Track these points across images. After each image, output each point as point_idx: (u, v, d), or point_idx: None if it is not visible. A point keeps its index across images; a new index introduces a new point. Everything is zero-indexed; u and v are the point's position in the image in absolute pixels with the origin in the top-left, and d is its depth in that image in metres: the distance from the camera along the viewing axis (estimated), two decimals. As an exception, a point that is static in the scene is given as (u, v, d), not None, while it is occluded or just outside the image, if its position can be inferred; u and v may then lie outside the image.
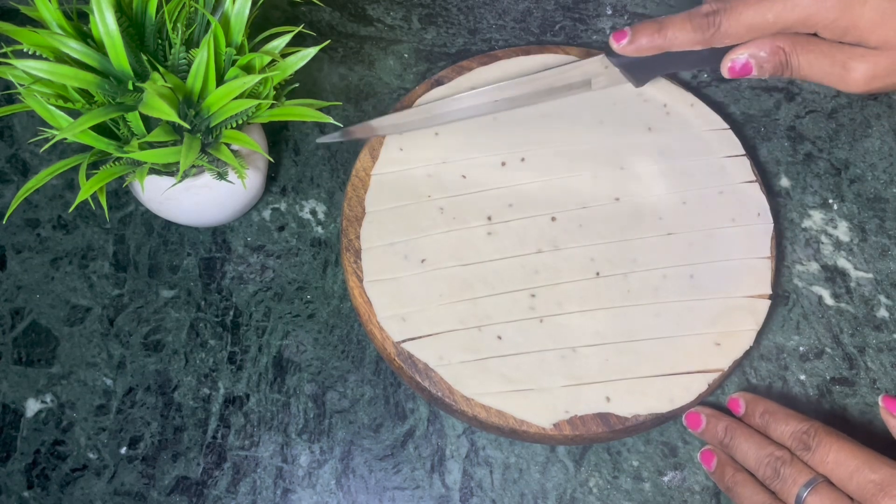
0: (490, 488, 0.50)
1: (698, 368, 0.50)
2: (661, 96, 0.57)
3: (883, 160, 0.59)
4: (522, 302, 0.51)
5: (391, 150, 0.55)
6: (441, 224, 0.53)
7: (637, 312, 0.51)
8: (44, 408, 0.52)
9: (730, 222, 0.54)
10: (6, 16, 0.62)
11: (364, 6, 0.64)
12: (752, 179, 0.55)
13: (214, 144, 0.47)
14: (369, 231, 0.53)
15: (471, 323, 0.51)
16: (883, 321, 0.54)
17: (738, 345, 0.51)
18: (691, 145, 0.56)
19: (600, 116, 0.57)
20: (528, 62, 0.58)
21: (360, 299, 0.52)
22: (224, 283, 0.55)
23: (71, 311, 0.54)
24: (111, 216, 0.57)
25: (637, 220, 0.54)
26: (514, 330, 0.51)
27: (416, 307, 0.51)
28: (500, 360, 0.50)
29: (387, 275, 0.52)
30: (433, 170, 0.55)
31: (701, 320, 0.51)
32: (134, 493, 0.50)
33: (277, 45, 0.48)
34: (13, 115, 0.57)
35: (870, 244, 0.57)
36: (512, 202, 0.54)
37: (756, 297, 0.52)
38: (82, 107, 0.45)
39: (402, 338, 0.50)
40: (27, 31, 0.44)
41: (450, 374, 0.49)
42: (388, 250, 0.53)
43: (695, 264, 0.53)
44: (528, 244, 0.53)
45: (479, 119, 0.56)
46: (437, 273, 0.52)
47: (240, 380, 0.52)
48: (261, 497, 0.50)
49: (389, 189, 0.54)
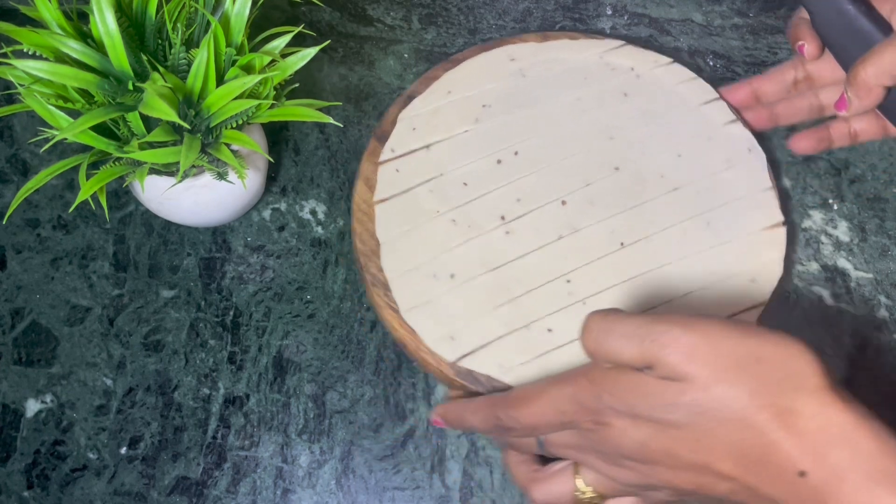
0: (490, 488, 0.50)
1: (743, 307, 0.51)
2: (627, 62, 0.59)
3: (883, 160, 0.59)
4: (560, 289, 0.51)
5: (387, 174, 0.55)
6: (458, 236, 0.53)
7: (670, 272, 0.52)
8: (44, 408, 0.52)
9: (725, 164, 0.55)
10: (6, 16, 0.62)
11: (364, 6, 0.64)
12: (734, 119, 0.57)
13: (214, 144, 0.47)
14: (391, 261, 0.52)
15: (517, 324, 0.50)
16: (883, 321, 0.54)
17: (771, 275, 0.52)
18: (668, 101, 0.57)
19: (576, 93, 0.57)
20: (492, 57, 0.58)
21: (402, 330, 0.50)
22: (224, 283, 0.55)
23: (71, 311, 0.54)
24: (111, 216, 0.57)
25: (641, 183, 0.55)
26: (561, 318, 0.51)
27: (460, 323, 0.50)
28: (557, 351, 0.50)
29: (422, 299, 0.51)
30: (433, 185, 0.54)
31: (731, 262, 0.52)
32: (134, 493, 0.50)
33: (277, 45, 0.48)
34: (13, 115, 0.57)
35: (870, 244, 0.57)
36: (519, 197, 0.54)
37: (772, 227, 0.54)
38: (82, 107, 0.45)
39: (457, 356, 0.49)
40: (27, 31, 0.44)
41: (514, 379, 0.49)
42: (415, 275, 0.52)
43: (707, 212, 0.54)
44: (547, 233, 0.53)
45: (461, 125, 0.56)
46: (469, 284, 0.51)
47: (240, 380, 0.52)
48: (261, 497, 0.50)
49: (396, 214, 0.53)
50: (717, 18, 0.64)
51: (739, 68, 0.62)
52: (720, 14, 0.65)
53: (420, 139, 0.55)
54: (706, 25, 0.64)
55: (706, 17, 0.64)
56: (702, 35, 0.64)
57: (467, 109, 0.57)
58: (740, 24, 0.64)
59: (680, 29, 0.64)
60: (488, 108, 0.57)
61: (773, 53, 0.63)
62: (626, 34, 0.63)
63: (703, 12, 0.65)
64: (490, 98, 0.57)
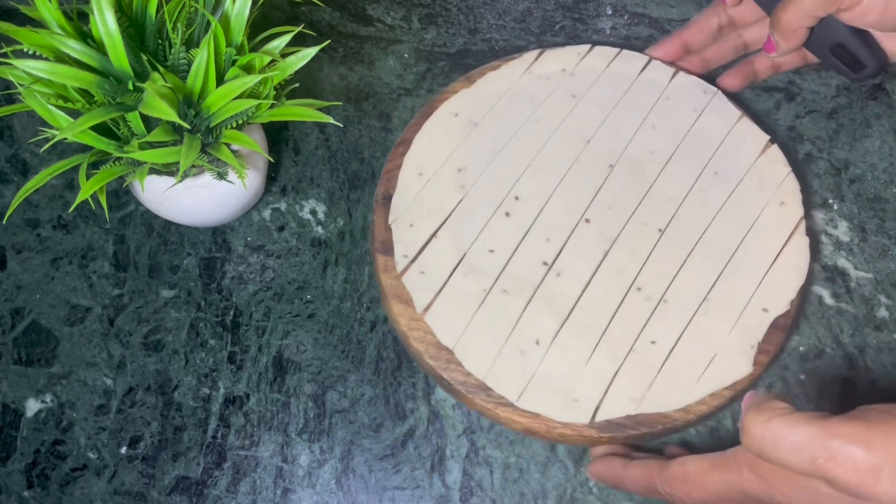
0: (490, 488, 0.50)
1: (792, 226, 0.54)
2: (554, 66, 0.59)
3: (883, 160, 0.59)
4: (637, 300, 0.51)
5: (415, 281, 0.52)
6: (517, 302, 0.51)
7: (714, 233, 0.54)
8: (44, 408, 0.52)
9: (694, 112, 0.57)
10: (6, 16, 0.62)
11: (364, 6, 0.64)
12: (675, 72, 0.59)
13: (214, 144, 0.47)
14: (472, 360, 0.50)
15: (622, 351, 0.50)
16: (883, 321, 0.54)
17: (793, 189, 0.55)
18: (611, 83, 0.59)
19: (532, 116, 0.57)
20: (436, 121, 0.57)
21: (525, 419, 0.49)
22: (224, 283, 0.55)
23: (71, 311, 0.54)
24: (111, 216, 0.57)
25: (640, 168, 0.56)
26: (657, 327, 0.51)
27: (572, 381, 0.49)
28: (670, 360, 0.50)
29: (524, 380, 0.49)
30: (463, 268, 0.52)
31: (754, 195, 0.55)
32: (134, 493, 0.50)
33: (277, 45, 0.48)
34: (13, 115, 0.57)
35: (870, 244, 0.57)
36: (547, 236, 0.53)
37: (765, 149, 0.56)
38: (82, 107, 0.45)
39: (590, 415, 0.49)
40: (27, 31, 0.44)
41: (652, 407, 0.49)
42: (503, 362, 0.50)
43: (708, 163, 0.56)
44: (592, 256, 0.52)
45: (451, 198, 0.55)
46: (557, 342, 0.50)
47: (240, 380, 0.52)
48: (261, 497, 0.50)
49: (448, 315, 0.51)
50: (717, 18, 0.64)
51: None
52: (720, 14, 0.64)
53: (423, 232, 0.53)
54: (706, 25, 0.64)
55: (706, 17, 0.64)
56: (702, 35, 0.64)
57: (447, 181, 0.55)
58: (740, 23, 0.64)
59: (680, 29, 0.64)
60: (465, 170, 0.55)
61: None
62: (627, 34, 0.63)
63: (703, 12, 0.64)
64: (460, 160, 0.56)
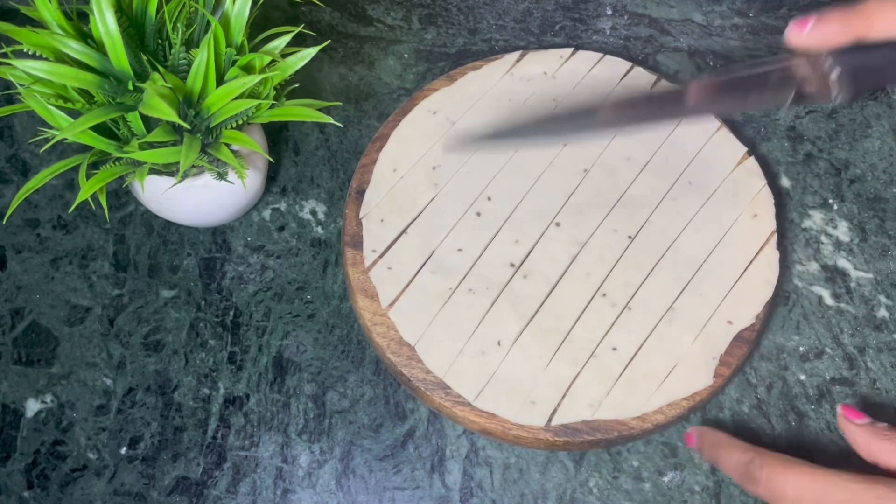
0: (490, 488, 0.50)
1: (763, 239, 0.53)
2: (536, 68, 0.59)
3: (883, 160, 0.59)
4: (602, 305, 0.51)
5: (381, 276, 0.52)
6: (481, 302, 0.51)
7: (684, 241, 0.53)
8: (44, 408, 0.52)
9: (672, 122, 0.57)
10: (6, 16, 0.62)
11: (364, 6, 0.64)
12: (656, 78, 0.59)
13: (214, 144, 0.47)
14: (434, 358, 0.50)
15: (583, 357, 0.50)
16: (883, 321, 0.54)
17: (767, 202, 0.55)
18: (593, 87, 0.58)
19: (504, 111, 0.57)
20: (414, 118, 0.57)
21: (482, 419, 0.49)
22: (224, 283, 0.55)
23: (71, 311, 0.54)
24: (111, 216, 0.57)
25: (614, 174, 0.55)
26: (620, 333, 0.51)
27: (530, 384, 0.49)
28: (631, 366, 0.50)
29: (483, 380, 0.50)
30: (431, 266, 0.52)
31: (727, 206, 0.54)
32: (134, 493, 0.50)
33: (277, 45, 0.48)
34: (13, 115, 0.57)
35: (870, 244, 0.57)
36: (516, 238, 0.53)
37: (742, 160, 0.56)
38: (82, 107, 0.45)
39: (546, 418, 0.49)
40: (27, 31, 0.44)
41: (611, 413, 0.49)
42: (464, 360, 0.50)
43: (683, 171, 0.55)
44: (560, 259, 0.52)
45: (424, 195, 0.55)
46: (519, 343, 0.50)
47: (240, 380, 0.52)
48: (261, 497, 0.50)
49: (413, 312, 0.51)
50: (717, 18, 0.64)
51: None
52: (720, 14, 0.65)
53: (393, 228, 0.53)
54: (706, 25, 0.64)
55: (706, 18, 0.64)
56: (702, 35, 0.64)
57: (420, 178, 0.55)
58: (740, 24, 0.64)
59: (680, 29, 0.64)
60: (439, 168, 0.55)
61: (773, 53, 0.63)
62: (627, 34, 0.63)
63: (704, 12, 0.65)
64: (436, 158, 0.56)
